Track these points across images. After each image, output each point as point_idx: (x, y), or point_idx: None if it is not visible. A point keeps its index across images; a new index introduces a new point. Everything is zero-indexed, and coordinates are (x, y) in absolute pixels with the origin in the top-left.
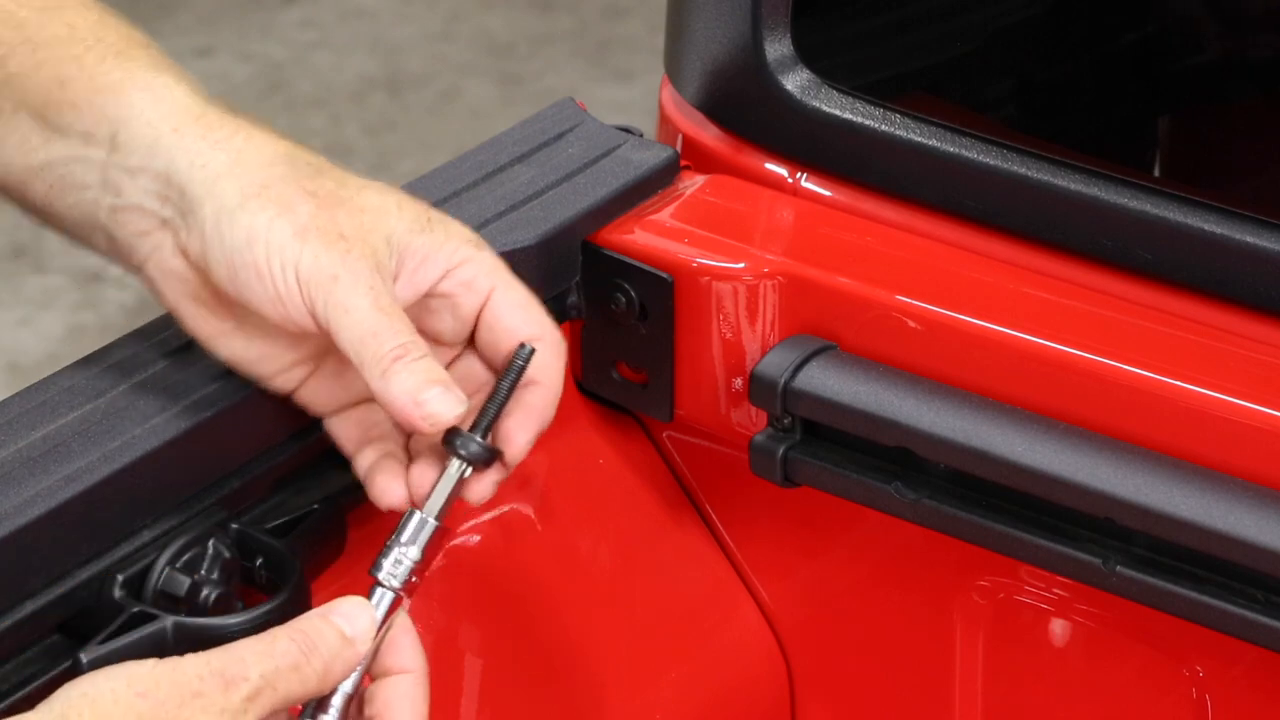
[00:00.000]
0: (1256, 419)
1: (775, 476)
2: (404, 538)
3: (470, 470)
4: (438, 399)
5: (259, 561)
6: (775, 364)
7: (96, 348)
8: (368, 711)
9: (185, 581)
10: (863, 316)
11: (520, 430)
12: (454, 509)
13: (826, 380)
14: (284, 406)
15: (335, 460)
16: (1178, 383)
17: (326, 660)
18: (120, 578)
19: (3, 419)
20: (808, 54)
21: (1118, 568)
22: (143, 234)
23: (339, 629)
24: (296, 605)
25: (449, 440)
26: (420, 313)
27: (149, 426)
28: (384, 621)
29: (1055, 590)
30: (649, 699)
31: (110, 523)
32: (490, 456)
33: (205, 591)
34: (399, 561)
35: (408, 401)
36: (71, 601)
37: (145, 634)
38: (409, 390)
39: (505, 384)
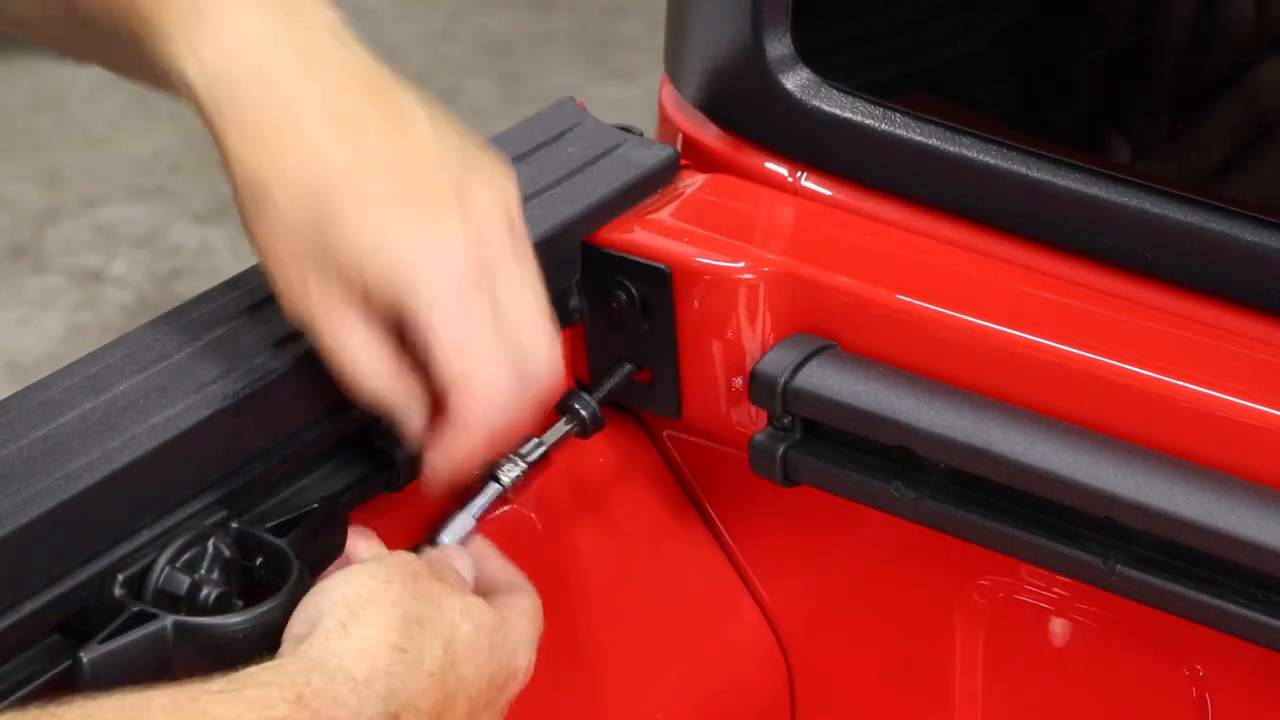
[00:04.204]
0: (1256, 419)
1: (775, 476)
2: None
3: (576, 429)
4: None
5: (259, 561)
6: (775, 363)
7: (96, 348)
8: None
9: (185, 581)
10: (863, 316)
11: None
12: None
13: (826, 379)
14: (285, 406)
15: (335, 460)
16: (1178, 382)
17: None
18: (120, 577)
19: (3, 419)
20: (808, 53)
21: (1118, 567)
22: None
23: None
24: (296, 605)
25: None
26: None
27: (149, 426)
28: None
29: (1055, 590)
30: (649, 699)
31: (110, 523)
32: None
33: (205, 591)
34: (513, 465)
35: None
36: (71, 601)
37: (145, 633)
38: None
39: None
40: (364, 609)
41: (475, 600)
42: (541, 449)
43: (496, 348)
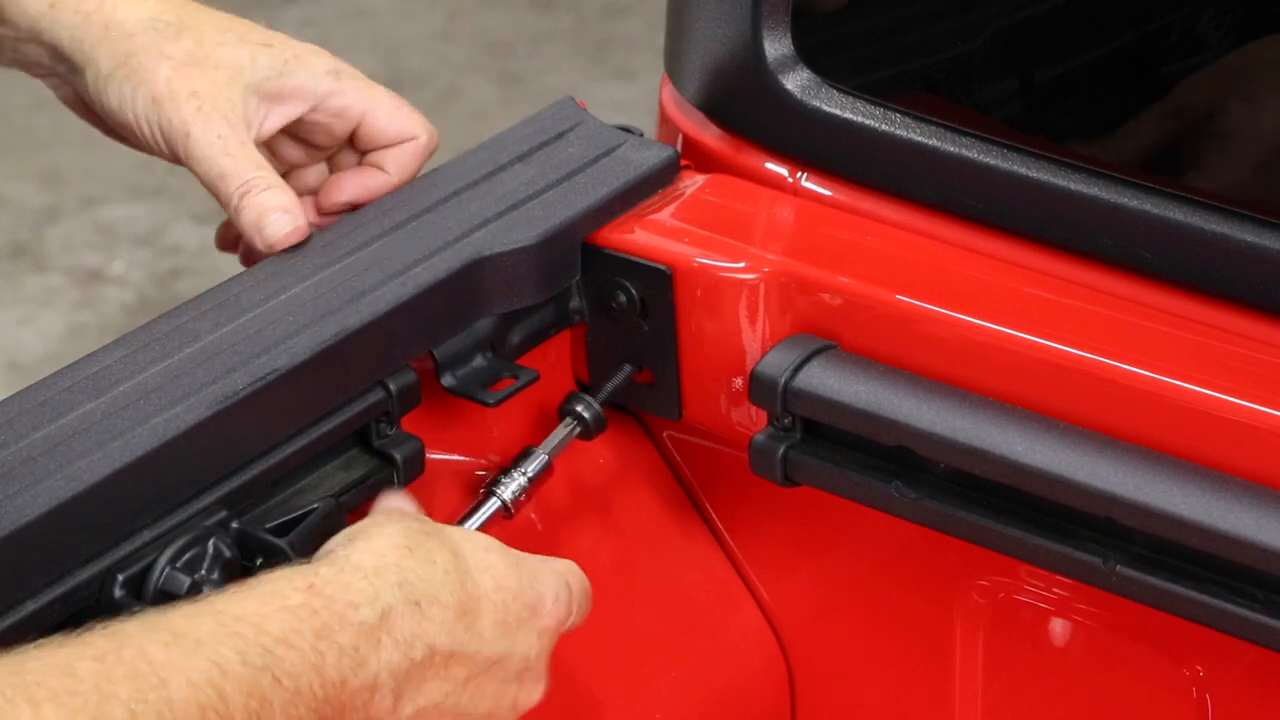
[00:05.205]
0: (1256, 419)
1: (775, 476)
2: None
3: (579, 432)
4: (273, 224)
5: (259, 561)
6: (775, 363)
7: (96, 347)
8: None
9: (185, 581)
10: (863, 316)
11: (346, 192)
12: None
13: (826, 380)
14: (285, 406)
15: (335, 460)
16: (1178, 383)
17: None
18: (121, 577)
19: (3, 419)
20: (808, 54)
21: (1118, 567)
22: (44, 76)
23: None
24: None
25: (566, 404)
26: (297, 131)
27: (149, 426)
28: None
29: (1055, 590)
30: (649, 699)
31: (110, 523)
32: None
33: (205, 591)
34: (512, 480)
35: (252, 231)
36: (71, 601)
37: None
38: (252, 221)
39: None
40: (366, 530)
41: (475, 530)
42: (544, 460)
43: None
